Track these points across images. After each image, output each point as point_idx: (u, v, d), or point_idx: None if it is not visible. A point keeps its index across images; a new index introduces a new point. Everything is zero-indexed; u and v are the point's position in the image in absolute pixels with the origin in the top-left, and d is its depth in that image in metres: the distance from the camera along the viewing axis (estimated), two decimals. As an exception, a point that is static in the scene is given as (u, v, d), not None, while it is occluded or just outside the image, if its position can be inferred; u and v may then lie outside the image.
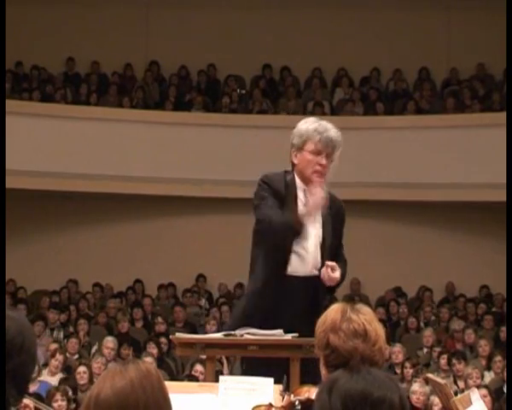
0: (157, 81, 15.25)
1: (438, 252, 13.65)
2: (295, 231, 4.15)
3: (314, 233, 4.27)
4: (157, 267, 13.42)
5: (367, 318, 2.71)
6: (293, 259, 4.21)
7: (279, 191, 4.24)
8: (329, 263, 4.16)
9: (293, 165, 4.34)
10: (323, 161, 4.23)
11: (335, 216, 4.36)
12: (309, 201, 4.13)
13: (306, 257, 4.23)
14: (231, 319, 4.46)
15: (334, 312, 2.74)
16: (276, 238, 4.18)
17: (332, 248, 4.30)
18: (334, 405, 2.11)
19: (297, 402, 2.85)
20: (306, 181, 4.27)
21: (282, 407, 2.97)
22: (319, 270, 4.22)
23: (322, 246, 4.27)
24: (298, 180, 4.30)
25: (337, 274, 4.15)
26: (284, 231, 4.15)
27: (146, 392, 2.13)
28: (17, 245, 12.94)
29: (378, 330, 2.71)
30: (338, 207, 4.40)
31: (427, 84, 14.98)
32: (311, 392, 2.83)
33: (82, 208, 13.73)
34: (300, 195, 4.26)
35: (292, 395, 2.97)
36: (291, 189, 4.27)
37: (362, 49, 14.85)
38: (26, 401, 3.21)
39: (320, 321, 2.75)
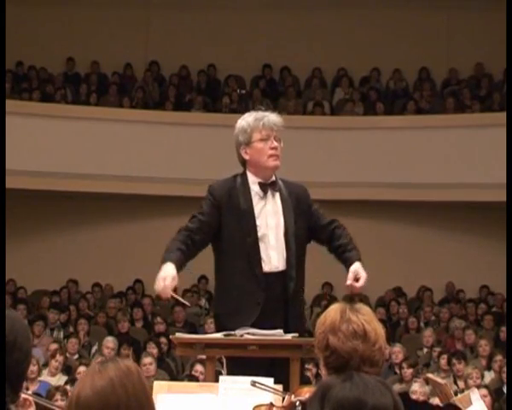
0: (157, 81, 15.25)
1: (438, 252, 13.65)
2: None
3: (274, 222, 4.24)
4: (157, 267, 13.35)
5: (366, 318, 2.71)
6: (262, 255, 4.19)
7: (219, 198, 4.28)
8: (350, 276, 4.11)
9: (245, 163, 4.35)
10: (274, 144, 4.26)
11: (295, 202, 4.30)
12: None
13: (271, 254, 4.20)
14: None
15: (333, 312, 2.73)
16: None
17: (298, 237, 4.23)
18: None
19: (298, 403, 2.85)
20: (263, 172, 4.28)
21: (283, 407, 2.97)
22: (286, 262, 4.19)
23: (286, 236, 4.22)
24: (251, 176, 4.30)
25: (361, 282, 4.10)
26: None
27: (127, 391, 2.11)
28: (17, 245, 12.94)
29: (377, 329, 2.71)
30: (296, 193, 4.35)
31: (427, 84, 14.98)
32: (311, 393, 2.82)
33: (82, 208, 13.73)
34: (255, 188, 4.27)
35: (293, 396, 2.97)
36: (241, 189, 4.27)
37: (362, 49, 14.85)
38: (25, 395, 3.20)
39: (319, 322, 2.74)
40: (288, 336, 3.93)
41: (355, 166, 12.87)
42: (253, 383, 3.31)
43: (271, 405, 3.08)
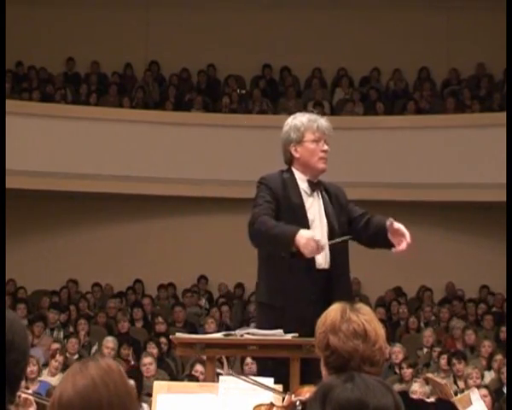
0: (157, 81, 15.25)
1: (438, 252, 13.64)
2: (285, 246, 4.06)
3: (325, 221, 4.32)
4: (157, 267, 13.41)
5: (366, 318, 2.71)
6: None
7: (276, 190, 4.27)
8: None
9: (292, 160, 4.39)
10: (325, 147, 4.37)
11: (335, 201, 4.41)
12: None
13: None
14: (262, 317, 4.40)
15: (333, 312, 2.74)
16: (269, 249, 4.20)
17: (342, 233, 4.30)
18: None
19: (298, 402, 2.85)
20: (311, 171, 4.36)
21: (283, 406, 2.97)
22: (331, 264, 4.25)
23: (331, 234, 4.29)
24: (298, 173, 4.37)
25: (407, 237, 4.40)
26: (277, 245, 4.12)
27: (108, 389, 2.10)
28: (17, 245, 12.94)
29: (378, 329, 2.71)
30: (335, 193, 4.46)
31: (427, 84, 14.98)
32: (312, 392, 2.82)
33: (82, 208, 13.73)
34: (303, 186, 4.34)
35: (293, 395, 2.97)
36: (291, 184, 4.32)
37: (362, 49, 14.85)
38: (25, 395, 3.20)
39: (320, 321, 2.75)
40: (288, 336, 3.93)
41: (355, 166, 12.86)
42: (253, 382, 3.31)
43: (272, 405, 3.08)
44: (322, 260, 4.23)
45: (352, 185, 13.35)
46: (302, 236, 3.98)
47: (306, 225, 4.20)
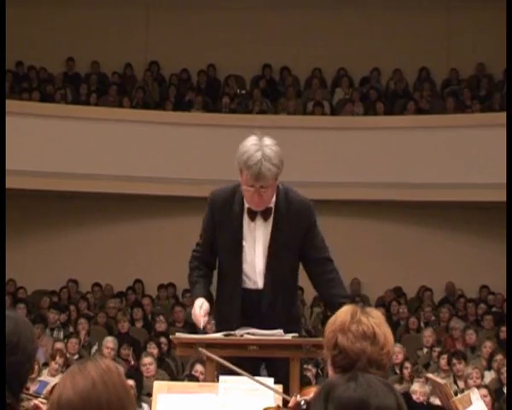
0: (157, 81, 15.25)
1: (438, 252, 13.65)
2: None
3: (261, 249, 4.19)
4: (157, 267, 13.41)
5: (376, 321, 2.72)
6: (244, 276, 4.23)
7: (218, 212, 4.19)
8: None
9: None
10: (256, 196, 4.03)
11: (295, 221, 4.14)
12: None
13: (254, 275, 4.22)
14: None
15: (343, 313, 2.74)
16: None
17: (285, 260, 4.17)
18: None
19: (303, 402, 2.85)
20: (246, 201, 4.18)
21: (289, 407, 2.98)
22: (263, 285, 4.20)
23: (268, 262, 4.17)
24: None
25: None
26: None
27: (108, 389, 2.11)
28: (17, 245, 12.94)
29: (387, 333, 2.72)
30: (300, 212, 4.17)
31: (427, 84, 14.97)
32: (315, 392, 2.83)
33: (82, 208, 13.73)
34: (246, 209, 4.18)
35: (298, 396, 2.98)
36: (236, 204, 4.18)
37: (362, 49, 14.85)
38: (36, 401, 3.18)
39: (330, 321, 2.76)
40: (288, 336, 3.93)
41: (355, 167, 12.86)
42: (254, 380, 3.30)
43: (278, 407, 3.09)
44: (250, 282, 4.22)
45: (352, 185, 13.42)
46: (193, 307, 4.24)
47: (239, 251, 4.18)
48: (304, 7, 14.96)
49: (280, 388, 3.50)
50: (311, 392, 2.90)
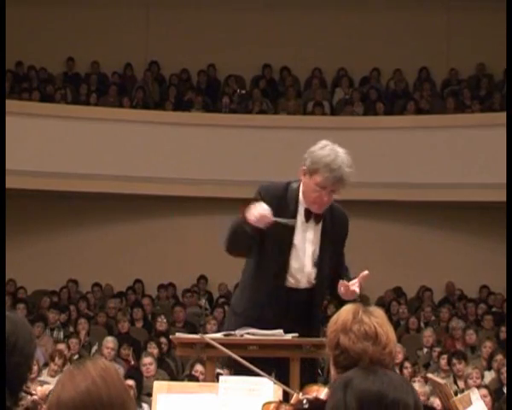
0: (157, 81, 15.25)
1: (438, 252, 13.65)
2: (243, 227, 3.99)
3: (311, 250, 4.23)
4: (157, 267, 13.42)
5: (378, 321, 2.71)
6: (289, 274, 4.20)
7: (270, 204, 4.07)
8: (345, 283, 4.11)
9: (300, 179, 4.25)
10: (325, 198, 4.13)
11: (337, 230, 4.31)
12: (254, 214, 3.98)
13: (301, 275, 4.21)
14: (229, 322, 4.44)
15: (345, 312, 2.74)
16: (230, 243, 4.12)
17: (329, 266, 4.25)
18: (349, 403, 2.10)
19: (305, 401, 2.84)
20: (306, 203, 4.21)
21: (291, 404, 2.97)
22: (313, 283, 4.22)
23: (319, 264, 4.22)
24: (301, 195, 4.22)
25: (356, 287, 4.10)
26: (234, 233, 4.07)
27: (108, 387, 2.12)
28: (17, 245, 12.94)
29: (389, 333, 2.71)
30: (341, 222, 4.35)
31: (427, 84, 14.97)
32: (319, 391, 2.82)
33: (82, 208, 13.73)
34: (301, 209, 4.21)
35: (301, 394, 2.97)
36: (291, 198, 4.20)
37: (362, 49, 14.85)
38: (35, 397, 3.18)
39: (332, 321, 2.75)
40: (288, 336, 3.93)
41: (355, 167, 12.84)
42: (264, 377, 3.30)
43: (280, 402, 3.08)
44: (293, 281, 4.21)
45: (352, 185, 13.40)
46: (250, 208, 3.96)
47: (288, 249, 4.17)
48: (304, 7, 14.96)
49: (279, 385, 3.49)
50: (313, 391, 2.89)
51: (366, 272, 4.10)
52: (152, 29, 15.20)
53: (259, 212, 3.96)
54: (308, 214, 4.20)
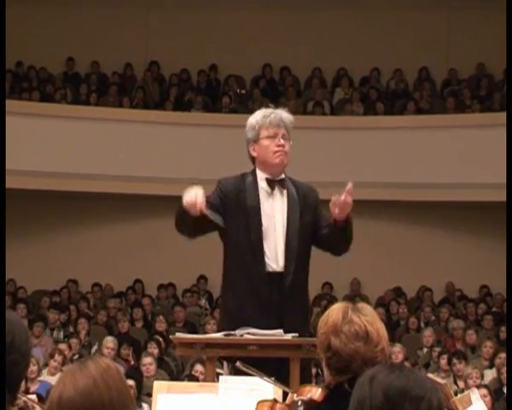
0: (157, 81, 15.25)
1: (438, 252, 13.65)
2: (186, 213, 4.02)
3: (282, 218, 4.18)
4: (157, 267, 13.41)
5: (368, 319, 2.69)
6: (266, 257, 4.14)
7: (228, 194, 4.20)
8: (336, 198, 4.09)
9: (254, 160, 4.33)
10: (281, 142, 4.24)
11: (303, 201, 4.25)
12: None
13: (277, 252, 4.15)
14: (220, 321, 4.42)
15: (335, 312, 2.72)
16: (179, 226, 4.16)
17: (302, 234, 4.17)
18: (375, 395, 2.10)
19: (300, 403, 2.83)
20: (270, 169, 4.24)
21: (286, 405, 2.96)
22: (285, 260, 4.13)
23: (287, 233, 4.15)
24: (259, 173, 4.27)
25: (349, 199, 4.11)
26: (179, 219, 4.12)
27: (109, 386, 2.11)
28: (17, 245, 12.94)
29: (380, 330, 2.69)
30: (305, 193, 4.31)
31: (427, 84, 14.98)
32: (312, 392, 2.81)
33: (82, 208, 13.73)
34: (263, 185, 4.23)
35: (295, 395, 2.96)
36: (250, 186, 4.22)
37: (362, 49, 14.85)
38: (25, 399, 3.18)
39: (321, 321, 2.73)
40: (288, 336, 3.93)
41: (355, 167, 12.85)
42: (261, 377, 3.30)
43: (275, 401, 3.07)
44: (274, 264, 4.15)
45: (352, 186, 13.40)
46: (188, 191, 4.03)
47: (259, 228, 4.13)
48: (304, 7, 14.96)
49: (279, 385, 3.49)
50: (307, 391, 2.88)
51: (350, 184, 4.13)
52: (152, 29, 15.20)
53: (187, 200, 4.01)
54: (271, 183, 4.24)
